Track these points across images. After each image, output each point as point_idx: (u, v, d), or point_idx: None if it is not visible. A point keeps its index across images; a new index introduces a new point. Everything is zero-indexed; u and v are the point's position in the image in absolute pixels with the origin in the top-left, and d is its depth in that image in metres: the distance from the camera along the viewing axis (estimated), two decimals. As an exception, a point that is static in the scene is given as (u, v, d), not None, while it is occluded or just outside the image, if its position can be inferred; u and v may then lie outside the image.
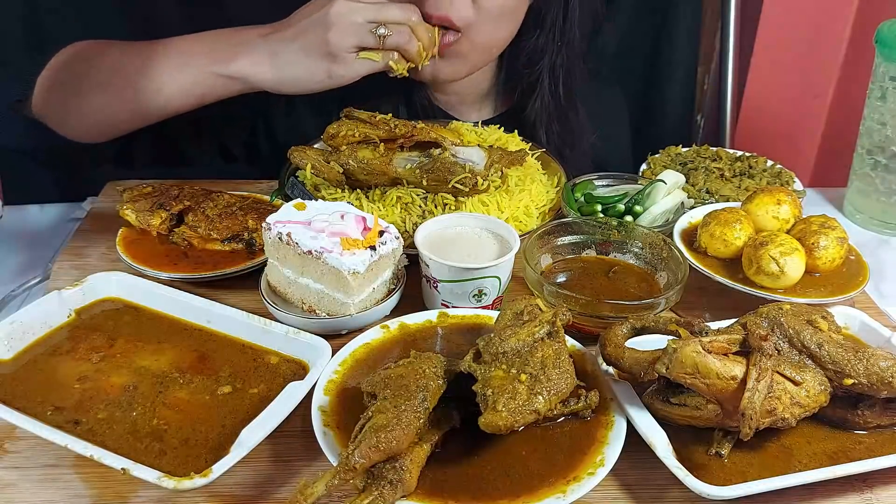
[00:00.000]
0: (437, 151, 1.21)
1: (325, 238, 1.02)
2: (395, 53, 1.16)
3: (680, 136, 1.65)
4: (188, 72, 1.16)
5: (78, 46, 1.26)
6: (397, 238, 1.06)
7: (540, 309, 0.92)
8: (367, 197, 1.21)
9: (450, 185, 1.18)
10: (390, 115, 1.27)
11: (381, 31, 1.13)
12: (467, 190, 1.18)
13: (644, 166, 1.41)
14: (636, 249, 1.16)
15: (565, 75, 1.41)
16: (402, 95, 1.41)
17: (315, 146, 1.37)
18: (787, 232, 1.13)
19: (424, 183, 1.19)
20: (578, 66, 1.43)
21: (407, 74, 1.21)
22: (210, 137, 1.48)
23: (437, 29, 1.22)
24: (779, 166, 1.43)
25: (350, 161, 1.20)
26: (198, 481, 0.78)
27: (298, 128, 1.44)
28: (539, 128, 1.43)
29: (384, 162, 1.19)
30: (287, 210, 1.07)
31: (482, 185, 1.19)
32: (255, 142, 1.50)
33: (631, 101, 1.71)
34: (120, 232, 1.20)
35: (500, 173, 1.22)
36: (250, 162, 1.53)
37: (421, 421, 0.79)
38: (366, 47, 1.14)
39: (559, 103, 1.43)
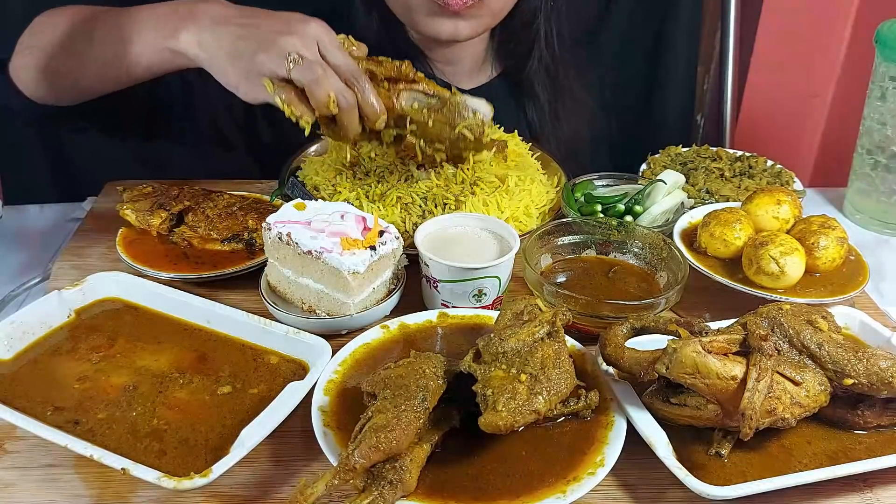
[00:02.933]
0: (447, 93, 1.16)
1: (325, 238, 1.02)
2: (292, 93, 1.03)
3: (680, 136, 1.65)
4: (139, 42, 1.13)
5: (69, 10, 1.24)
6: (397, 238, 1.06)
7: (540, 309, 0.92)
8: (367, 196, 1.21)
9: (457, 131, 1.14)
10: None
11: (291, 56, 1.01)
12: (472, 139, 1.14)
13: (644, 166, 1.41)
14: (636, 249, 1.16)
15: (558, 36, 1.41)
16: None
17: (314, 147, 1.38)
18: (787, 232, 1.13)
19: (430, 124, 1.13)
20: (567, 29, 1.43)
21: (306, 124, 1.05)
22: (205, 122, 1.46)
23: (381, 117, 1.09)
24: (779, 166, 1.43)
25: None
26: (198, 481, 0.78)
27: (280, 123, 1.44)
28: (537, 86, 1.43)
29: (388, 97, 1.11)
30: (287, 210, 1.07)
31: (487, 137, 1.15)
32: (253, 128, 1.49)
33: (631, 101, 1.71)
34: (120, 232, 1.20)
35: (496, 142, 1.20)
36: (249, 151, 1.52)
37: (421, 421, 0.79)
38: (277, 76, 1.03)
39: (556, 63, 1.43)
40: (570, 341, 0.96)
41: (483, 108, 1.16)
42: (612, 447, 0.84)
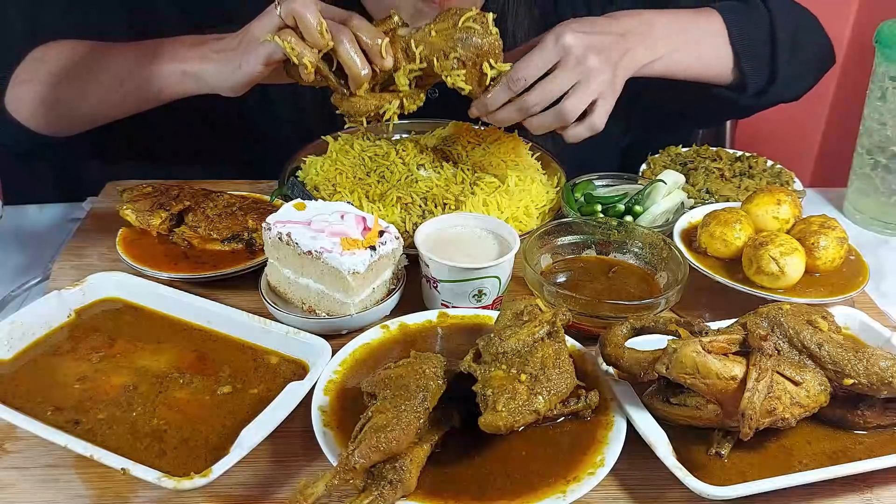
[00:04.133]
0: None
1: (325, 238, 1.02)
2: (290, 36, 1.03)
3: (680, 136, 1.65)
4: (147, 68, 1.17)
5: (51, 45, 1.28)
6: (397, 238, 1.06)
7: (540, 309, 0.92)
8: (367, 196, 1.21)
9: (461, 25, 1.10)
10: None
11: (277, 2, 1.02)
12: (479, 38, 1.10)
13: (644, 166, 1.41)
14: (636, 249, 1.16)
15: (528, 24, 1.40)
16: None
17: (314, 147, 1.38)
18: (787, 232, 1.13)
19: (432, 35, 1.10)
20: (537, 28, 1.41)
21: (310, 65, 1.04)
22: (191, 127, 1.48)
23: (383, 42, 1.07)
24: (779, 166, 1.43)
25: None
26: (198, 481, 0.78)
27: (280, 123, 1.44)
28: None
29: (384, 28, 1.09)
30: (287, 210, 1.07)
31: (495, 32, 1.11)
32: (253, 128, 1.50)
33: (631, 100, 1.70)
34: (120, 232, 1.20)
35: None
36: (249, 151, 1.53)
37: (421, 421, 0.79)
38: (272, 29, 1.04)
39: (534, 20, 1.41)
40: (570, 341, 0.96)
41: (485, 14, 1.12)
42: (612, 447, 0.84)
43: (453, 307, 1.06)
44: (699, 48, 1.32)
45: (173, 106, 1.24)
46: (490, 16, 1.12)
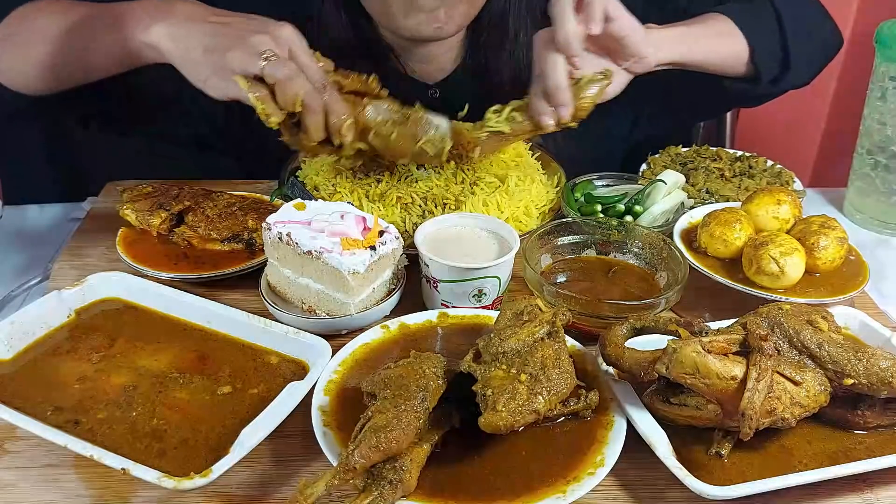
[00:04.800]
0: (410, 110, 1.17)
1: (325, 238, 1.02)
2: (265, 91, 1.03)
3: (680, 136, 1.65)
4: (113, 34, 1.14)
5: (37, 5, 1.25)
6: (397, 238, 1.07)
7: (540, 309, 0.92)
8: (367, 196, 1.21)
9: (418, 146, 1.15)
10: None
11: (266, 53, 1.02)
12: (431, 154, 1.16)
13: (644, 166, 1.41)
14: (636, 249, 1.16)
15: (530, 24, 1.40)
16: (371, 62, 1.36)
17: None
18: (787, 232, 1.13)
19: (392, 137, 1.13)
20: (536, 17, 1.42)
21: (276, 126, 1.06)
22: (193, 117, 1.47)
23: (348, 122, 1.09)
24: (779, 166, 1.43)
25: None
26: (198, 481, 0.78)
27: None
28: (507, 80, 1.41)
29: (356, 107, 1.11)
30: (287, 210, 1.07)
31: (445, 154, 1.16)
32: (252, 128, 1.49)
33: (630, 100, 1.70)
34: (120, 232, 1.20)
35: (478, 150, 1.20)
36: (248, 151, 1.52)
37: (421, 421, 0.79)
38: (249, 73, 1.03)
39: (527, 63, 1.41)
40: (570, 341, 0.96)
41: (444, 124, 1.17)
42: (612, 447, 0.84)
43: (453, 307, 1.06)
44: (714, 39, 1.33)
45: (174, 105, 1.24)
46: (448, 142, 1.16)
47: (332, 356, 0.94)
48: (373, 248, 1.02)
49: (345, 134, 1.10)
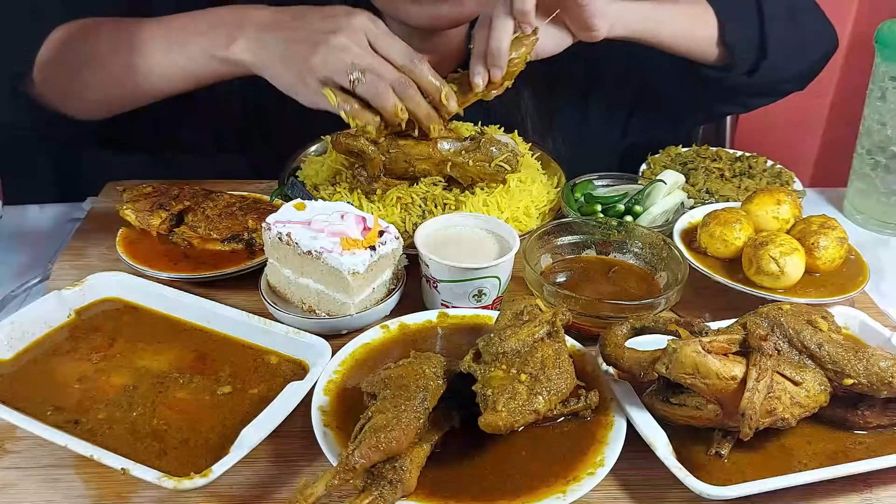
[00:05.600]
0: (477, 134, 1.23)
1: (325, 238, 1.02)
2: (355, 104, 1.06)
3: (680, 135, 1.65)
4: (185, 52, 1.13)
5: (76, 23, 1.24)
6: (397, 238, 1.06)
7: (540, 309, 0.92)
8: (367, 197, 1.21)
9: (493, 165, 1.20)
10: None
11: (354, 75, 1.03)
12: (510, 169, 1.22)
13: (644, 166, 1.41)
14: (636, 249, 1.16)
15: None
16: None
17: (314, 147, 1.38)
18: (787, 232, 1.13)
19: (470, 164, 1.19)
20: None
21: (373, 135, 1.10)
22: (203, 121, 1.46)
23: (445, 89, 1.12)
24: (779, 166, 1.43)
25: (390, 149, 1.17)
26: (198, 481, 0.78)
27: (295, 116, 1.43)
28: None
29: (429, 144, 1.18)
30: (287, 210, 1.07)
31: (520, 166, 1.24)
32: (248, 129, 1.49)
33: (624, 87, 1.70)
34: (120, 232, 1.20)
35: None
36: (242, 152, 1.52)
37: (421, 421, 0.79)
38: (337, 84, 1.05)
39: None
40: (570, 341, 0.96)
41: (511, 142, 1.24)
42: (612, 447, 0.84)
43: (453, 307, 1.06)
44: (682, 16, 1.31)
45: (175, 106, 1.23)
46: (520, 157, 1.24)
47: (332, 356, 0.94)
48: (373, 248, 1.02)
49: (446, 102, 1.12)
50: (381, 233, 1.05)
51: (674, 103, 1.52)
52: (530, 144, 1.39)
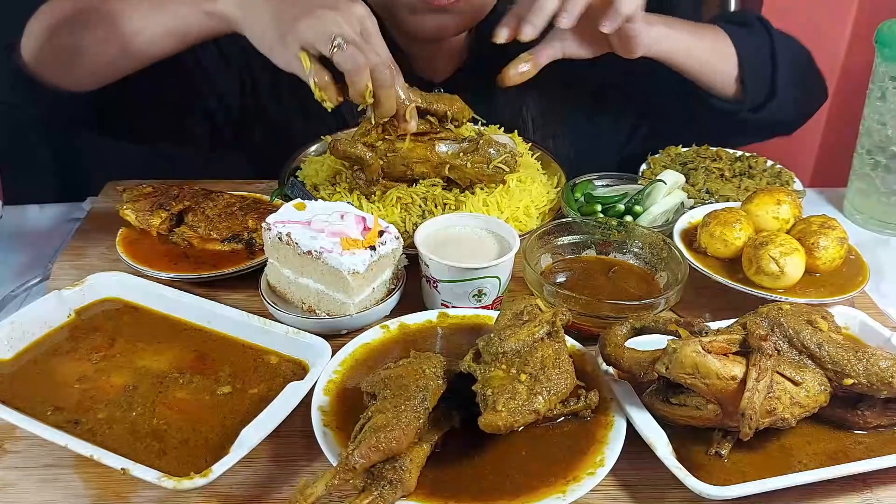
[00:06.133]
0: (475, 136, 1.23)
1: (325, 238, 1.02)
2: (326, 77, 1.05)
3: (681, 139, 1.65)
4: (170, 9, 1.13)
5: None
6: (397, 238, 1.06)
7: (540, 309, 0.92)
8: (368, 198, 1.21)
9: (491, 167, 1.20)
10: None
11: (336, 41, 1.02)
12: (508, 170, 1.22)
13: (644, 166, 1.41)
14: (636, 249, 1.16)
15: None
16: None
17: (314, 147, 1.38)
18: (787, 232, 1.13)
19: (468, 166, 1.20)
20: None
21: (330, 107, 1.08)
22: (199, 116, 1.46)
23: (410, 106, 1.14)
24: (779, 166, 1.43)
25: (388, 154, 1.18)
26: (198, 481, 0.78)
27: (291, 112, 1.43)
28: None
29: (427, 147, 1.19)
30: (287, 210, 1.07)
31: (519, 166, 1.24)
32: (246, 125, 1.49)
33: (631, 101, 1.70)
34: (120, 232, 1.20)
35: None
36: (240, 147, 1.52)
37: (421, 421, 0.79)
38: (316, 52, 1.04)
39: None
40: (570, 341, 0.96)
41: (510, 142, 1.24)
42: (612, 447, 0.84)
43: (453, 307, 1.06)
44: (710, 50, 1.36)
45: (176, 106, 1.23)
46: (519, 157, 1.25)
47: (332, 356, 0.94)
48: (373, 248, 1.02)
49: (408, 120, 1.14)
50: (381, 233, 1.05)
51: (675, 124, 1.55)
52: (530, 144, 1.39)
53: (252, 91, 1.43)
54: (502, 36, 1.17)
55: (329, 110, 1.09)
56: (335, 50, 1.02)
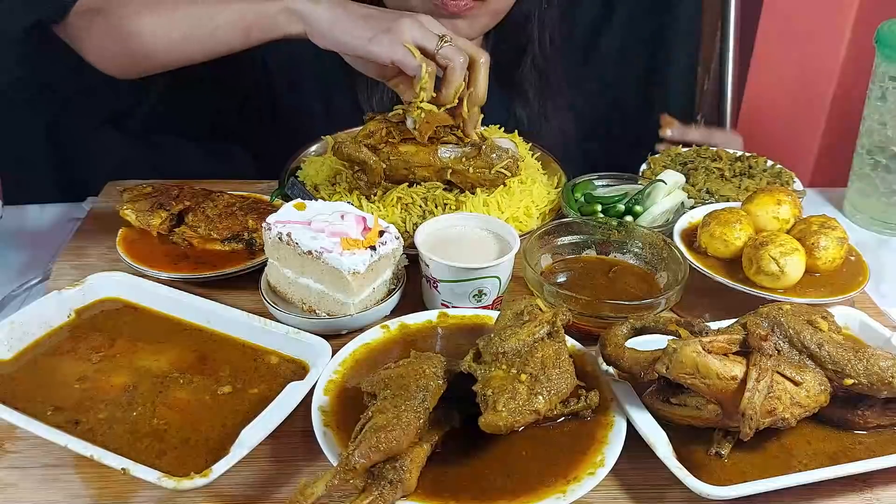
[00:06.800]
0: (478, 139, 1.23)
1: (325, 238, 1.02)
2: (432, 66, 1.10)
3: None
4: (240, 1, 1.13)
5: None
6: (397, 238, 1.07)
7: (540, 309, 0.92)
8: (368, 198, 1.21)
9: (493, 171, 1.21)
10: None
11: (445, 37, 1.10)
12: (510, 175, 1.23)
13: (644, 166, 1.41)
14: (636, 249, 1.16)
15: (552, 38, 1.42)
16: None
17: (314, 147, 1.38)
18: (787, 232, 1.13)
19: (470, 171, 1.20)
20: (564, 30, 1.43)
21: (424, 101, 1.14)
22: (205, 123, 1.46)
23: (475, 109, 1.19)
24: (779, 166, 1.43)
25: (391, 157, 1.19)
26: (198, 481, 0.78)
27: (302, 109, 1.43)
28: (528, 86, 1.43)
29: (430, 152, 1.19)
30: (287, 210, 1.07)
31: (521, 171, 1.25)
32: (256, 122, 1.49)
33: (631, 101, 1.70)
34: (120, 232, 1.20)
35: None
36: (246, 145, 1.51)
37: (421, 421, 0.79)
38: (419, 45, 1.10)
39: (550, 64, 1.43)
40: (570, 341, 0.96)
41: (511, 146, 1.24)
42: (612, 447, 0.84)
43: (453, 307, 1.06)
44: None
45: (178, 106, 1.23)
46: (521, 162, 1.26)
47: (332, 356, 0.94)
48: (373, 248, 1.02)
49: (475, 123, 1.19)
50: (381, 233, 1.05)
51: (631, 132, 1.58)
52: (530, 145, 1.39)
53: (268, 87, 1.43)
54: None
55: (420, 105, 1.13)
56: (444, 44, 1.08)
